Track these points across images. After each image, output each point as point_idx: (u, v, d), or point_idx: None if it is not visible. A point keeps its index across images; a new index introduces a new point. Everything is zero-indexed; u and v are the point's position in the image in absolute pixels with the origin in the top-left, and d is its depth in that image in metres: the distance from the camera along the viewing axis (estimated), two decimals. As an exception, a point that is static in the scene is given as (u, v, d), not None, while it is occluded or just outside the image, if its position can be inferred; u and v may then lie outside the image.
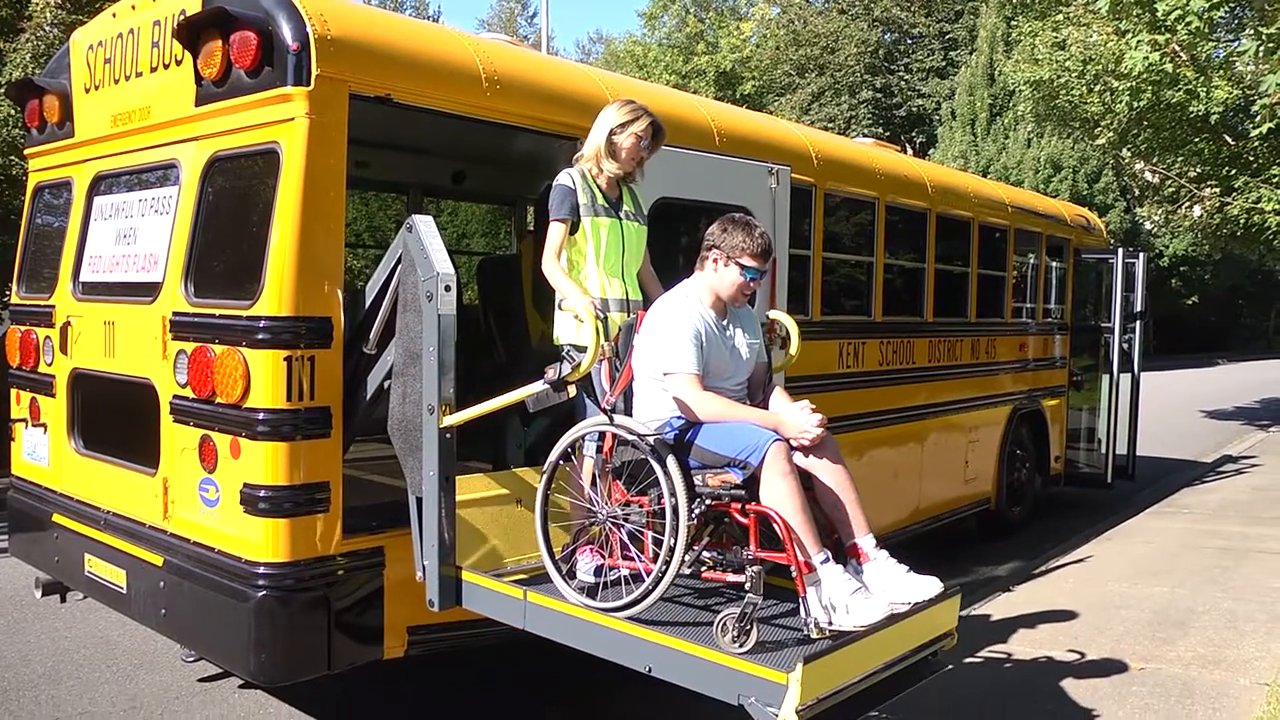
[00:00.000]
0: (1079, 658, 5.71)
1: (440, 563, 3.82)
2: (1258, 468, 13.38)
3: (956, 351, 8.10)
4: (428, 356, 3.72)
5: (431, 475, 3.77)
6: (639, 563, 3.61)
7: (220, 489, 3.97)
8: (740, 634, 3.28)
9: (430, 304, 3.68)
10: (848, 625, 3.35)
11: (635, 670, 3.45)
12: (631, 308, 4.11)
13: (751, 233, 3.83)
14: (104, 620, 6.13)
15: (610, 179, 4.14)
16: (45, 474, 5.22)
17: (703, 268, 3.91)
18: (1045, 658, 5.70)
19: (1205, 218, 15.56)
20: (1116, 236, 29.53)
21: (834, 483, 3.68)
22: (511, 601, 3.78)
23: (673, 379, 3.70)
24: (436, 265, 3.68)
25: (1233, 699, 5.10)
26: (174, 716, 5.01)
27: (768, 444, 3.46)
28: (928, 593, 3.61)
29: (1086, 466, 10.60)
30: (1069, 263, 10.01)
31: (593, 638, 3.57)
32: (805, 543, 3.42)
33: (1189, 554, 8.23)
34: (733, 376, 3.92)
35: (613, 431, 3.63)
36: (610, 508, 3.70)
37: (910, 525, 7.61)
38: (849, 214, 7.10)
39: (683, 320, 3.75)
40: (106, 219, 4.96)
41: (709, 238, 3.89)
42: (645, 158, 4.18)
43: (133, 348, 4.53)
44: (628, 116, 4.09)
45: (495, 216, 16.33)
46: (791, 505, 3.42)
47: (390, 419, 3.93)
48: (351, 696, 5.20)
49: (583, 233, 4.04)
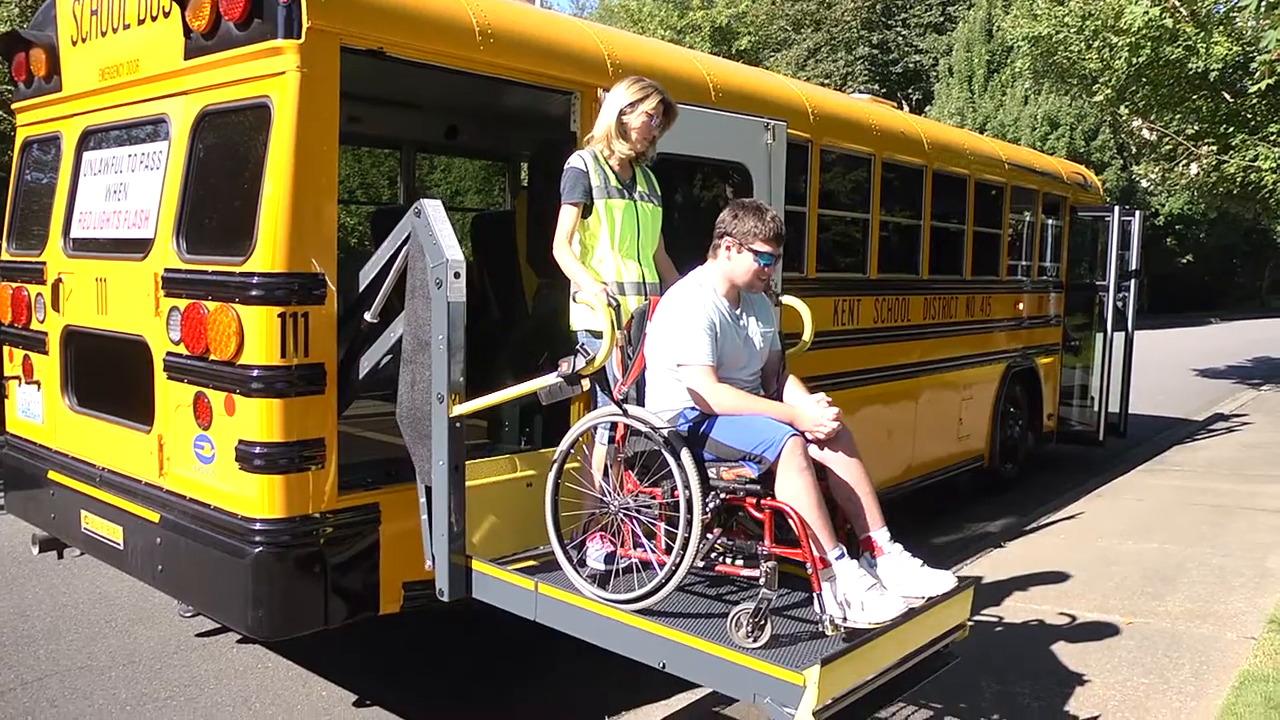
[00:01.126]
0: (1069, 612, 5.78)
1: (450, 552, 3.81)
2: (1248, 426, 13.46)
3: (951, 309, 8.10)
4: (437, 344, 3.69)
5: (441, 465, 3.75)
6: (651, 553, 3.60)
7: (215, 446, 3.97)
8: (754, 629, 3.29)
9: (440, 291, 3.64)
10: (863, 622, 3.33)
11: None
12: (648, 290, 4.07)
13: (763, 217, 3.75)
14: (102, 576, 6.17)
15: (623, 160, 4.08)
16: (40, 431, 5.22)
17: (715, 256, 3.84)
18: (1035, 612, 5.77)
19: (1202, 176, 15.49)
20: (1113, 195, 29.43)
21: (849, 476, 3.66)
22: (522, 593, 3.77)
23: (686, 371, 3.65)
24: (446, 252, 3.64)
25: (1219, 652, 5.17)
26: (173, 670, 5.06)
27: (784, 439, 3.42)
28: (942, 587, 3.61)
29: (1079, 424, 10.65)
30: (1065, 220, 9.98)
31: (605, 632, 3.55)
32: (821, 538, 3.39)
33: (1179, 511, 8.31)
34: (747, 366, 3.87)
35: (625, 422, 3.60)
36: (622, 498, 3.68)
37: (904, 482, 7.66)
38: (845, 170, 7.06)
39: (696, 310, 3.69)
40: (96, 174, 4.91)
41: (720, 225, 3.82)
42: (657, 136, 4.10)
43: (125, 305, 4.50)
44: (638, 95, 4.01)
45: (489, 173, 16.23)
46: (807, 501, 3.39)
47: (398, 407, 3.91)
48: (349, 651, 5.24)
49: (596, 216, 3.98)
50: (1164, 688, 4.73)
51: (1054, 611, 5.79)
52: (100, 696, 4.75)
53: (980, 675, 4.82)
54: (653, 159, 4.20)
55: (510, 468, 4.12)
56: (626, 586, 3.58)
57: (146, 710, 4.64)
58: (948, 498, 9.02)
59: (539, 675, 5.16)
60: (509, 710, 4.79)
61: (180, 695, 4.80)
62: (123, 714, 4.60)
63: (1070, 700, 4.57)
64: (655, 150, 4.16)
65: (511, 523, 4.10)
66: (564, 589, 3.68)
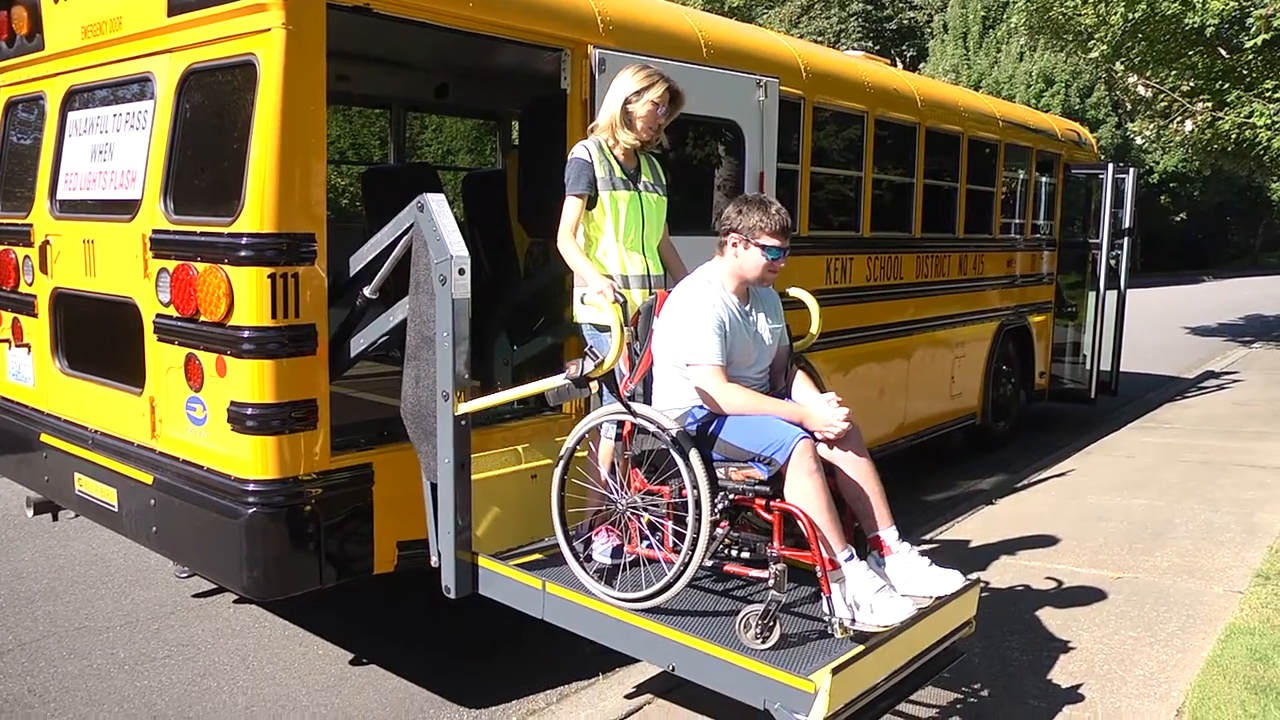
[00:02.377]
0: (1058, 568, 5.84)
1: (456, 549, 3.82)
2: (1239, 383, 13.53)
3: (944, 267, 8.10)
4: (441, 341, 3.66)
5: (447, 463, 3.75)
6: (658, 551, 3.61)
7: (207, 407, 3.97)
8: (763, 630, 3.30)
9: (444, 288, 3.61)
10: (872, 624, 3.33)
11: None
12: (652, 283, 4.03)
13: (768, 210, 3.70)
14: (97, 538, 6.19)
15: (627, 149, 4.03)
16: (31, 394, 5.21)
17: (722, 253, 3.79)
18: (1025, 568, 5.83)
19: (1196, 133, 15.42)
20: (1107, 152, 29.33)
21: (858, 475, 3.65)
22: (530, 591, 3.77)
23: (695, 370, 3.62)
24: (450, 248, 3.61)
25: (1206, 606, 5.23)
26: (170, 630, 5.10)
27: (794, 442, 3.40)
28: (950, 587, 3.63)
29: (1071, 382, 10.69)
30: (1059, 178, 9.95)
31: (615, 633, 3.56)
32: (830, 540, 3.39)
33: (1169, 467, 8.37)
34: (755, 364, 3.84)
35: (633, 421, 3.58)
36: (630, 496, 3.68)
37: (896, 440, 7.70)
38: (838, 128, 7.02)
39: (705, 309, 3.66)
40: (81, 135, 4.85)
41: (724, 221, 3.76)
42: (663, 125, 4.04)
43: (113, 266, 4.47)
44: (643, 83, 3.95)
45: (480, 132, 16.11)
46: (817, 504, 3.38)
47: (403, 403, 3.91)
48: (346, 611, 5.28)
49: (601, 208, 3.94)
50: (1151, 641, 4.79)
51: (1044, 567, 5.85)
52: (99, 656, 4.79)
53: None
54: (659, 147, 4.13)
55: (515, 460, 4.12)
56: (633, 582, 3.59)
57: (145, 669, 4.68)
58: (940, 455, 9.08)
59: (534, 631, 5.19)
60: (506, 667, 4.84)
61: (178, 655, 4.84)
62: (121, 673, 4.64)
63: (1058, 654, 4.63)
64: (662, 138, 4.09)
65: (516, 515, 4.10)
66: (571, 587, 3.68)
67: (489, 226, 6.34)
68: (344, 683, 4.65)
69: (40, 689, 4.48)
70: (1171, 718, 4.03)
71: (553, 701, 4.43)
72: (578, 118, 4.71)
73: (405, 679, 4.66)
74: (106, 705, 4.36)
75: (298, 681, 4.63)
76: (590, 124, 4.09)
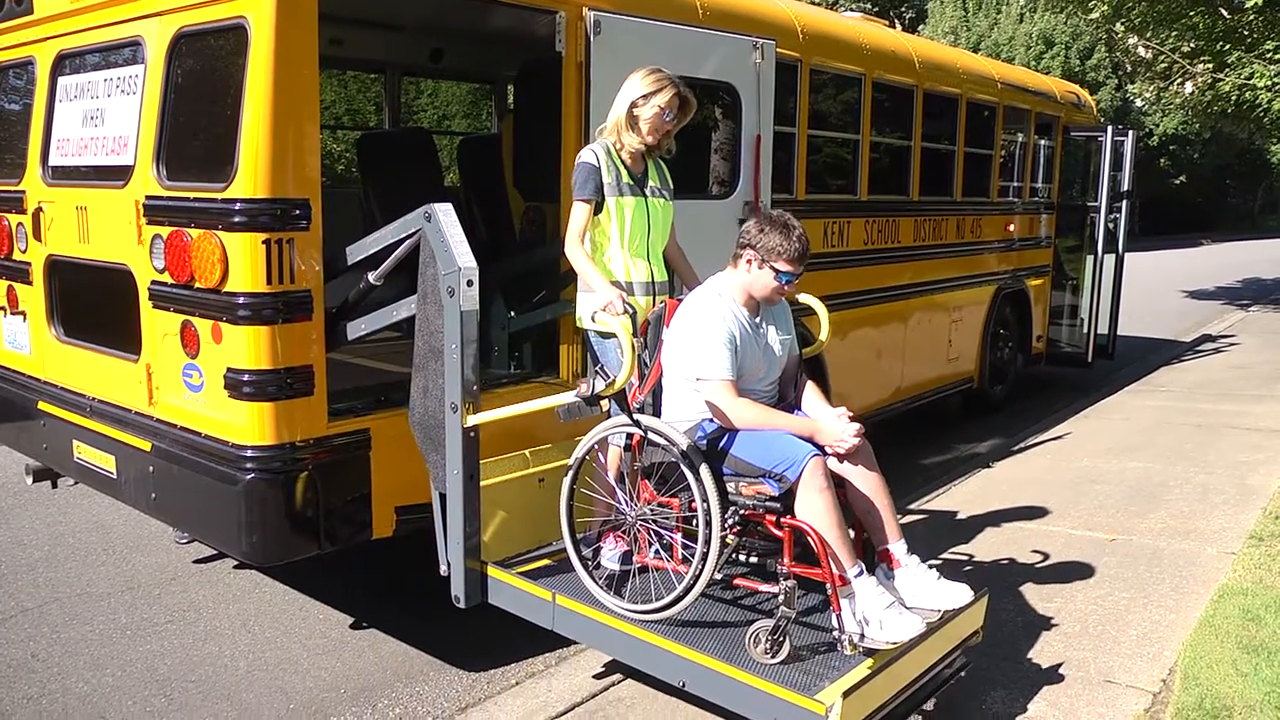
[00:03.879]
0: (1053, 530, 5.88)
1: (465, 558, 3.84)
2: (1236, 347, 13.54)
3: (942, 231, 8.07)
4: (450, 354, 3.65)
5: (456, 474, 3.75)
6: (667, 562, 3.62)
7: (204, 374, 3.97)
8: (773, 646, 3.33)
9: (452, 299, 3.60)
10: (881, 641, 3.34)
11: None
12: (657, 289, 4.02)
13: (790, 235, 3.65)
14: (97, 505, 6.21)
15: (634, 153, 3.99)
16: (28, 362, 5.20)
17: (736, 265, 3.75)
18: (1021, 530, 5.87)
19: (1197, 94, 15.32)
20: (1107, 115, 29.15)
21: (868, 489, 3.65)
22: (539, 603, 3.78)
23: (706, 385, 3.61)
24: (458, 259, 3.58)
25: (1200, 567, 5.27)
26: (171, 596, 5.13)
27: (806, 459, 3.40)
28: (958, 601, 3.63)
29: (1068, 346, 10.71)
30: (1057, 141, 9.89)
31: (626, 647, 3.57)
32: (841, 557, 3.39)
33: (1164, 430, 8.40)
34: (765, 376, 3.82)
35: (640, 434, 3.58)
36: (639, 507, 3.68)
37: (893, 404, 7.72)
38: (835, 91, 6.97)
39: (716, 323, 3.63)
40: (72, 100, 4.81)
41: (744, 235, 3.72)
42: (671, 130, 4.00)
43: (107, 233, 4.45)
44: (651, 87, 3.89)
45: (476, 97, 15.99)
46: (828, 521, 3.37)
47: (411, 413, 3.91)
48: (345, 576, 5.32)
49: (607, 213, 3.90)
50: (1144, 602, 4.83)
51: (1039, 530, 5.89)
52: (101, 622, 4.82)
53: (965, 591, 4.92)
54: (668, 152, 4.10)
55: (522, 464, 4.12)
56: (642, 589, 3.62)
57: (147, 634, 4.71)
58: (938, 419, 9.11)
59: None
60: (506, 629, 4.87)
61: (179, 620, 4.87)
62: (123, 638, 4.67)
63: (1052, 614, 4.67)
64: (671, 142, 4.05)
65: (524, 520, 4.11)
66: (581, 599, 3.70)
67: (484, 191, 6.31)
68: (344, 646, 4.69)
69: (43, 654, 4.52)
70: (1164, 677, 4.07)
71: (552, 664, 4.47)
72: (573, 81, 4.68)
73: (405, 642, 4.70)
74: (109, 670, 4.40)
75: (298, 645, 4.67)
76: (599, 127, 4.05)
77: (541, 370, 4.93)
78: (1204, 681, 3.97)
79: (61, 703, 4.13)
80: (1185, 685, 3.95)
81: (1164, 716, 3.76)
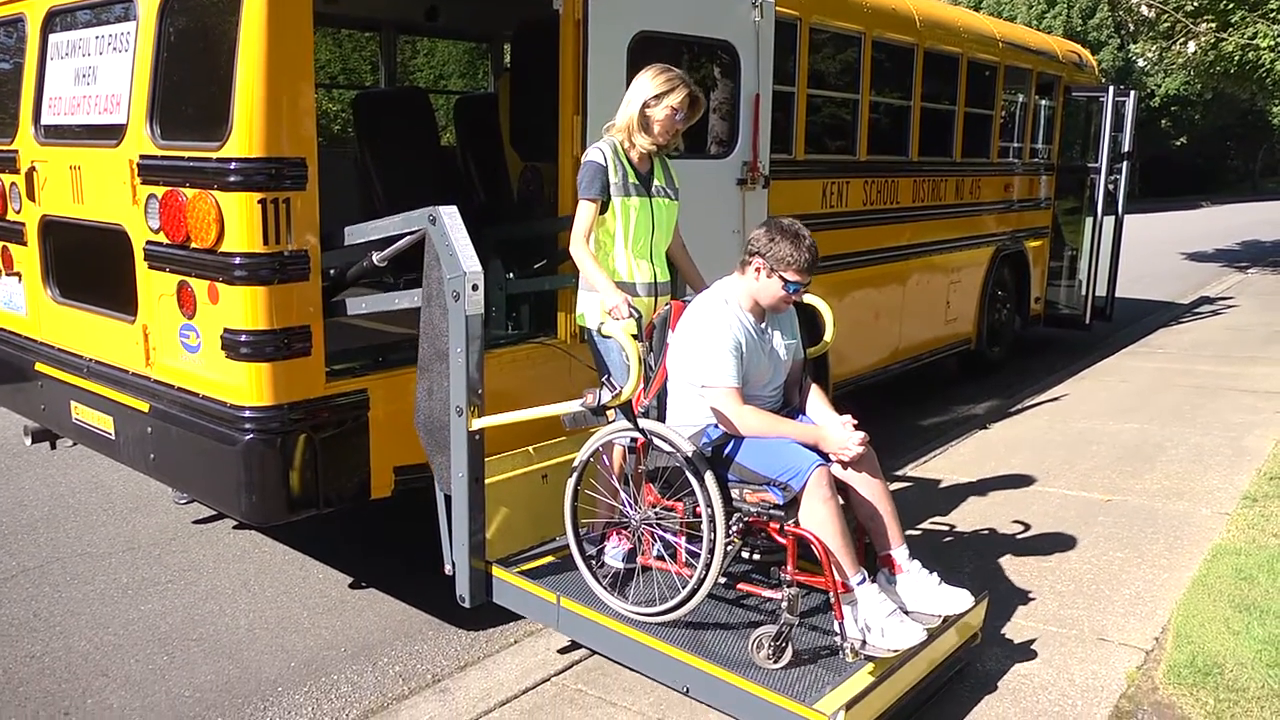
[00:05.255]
0: (1049, 491, 5.91)
1: (470, 559, 3.86)
2: (1233, 309, 13.54)
3: (941, 192, 8.03)
4: (455, 358, 3.65)
5: (461, 476, 3.76)
6: (671, 564, 3.66)
7: (201, 335, 3.96)
8: (775, 652, 3.36)
9: (457, 304, 3.59)
10: (883, 649, 3.36)
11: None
12: (659, 290, 4.00)
13: (799, 245, 3.62)
14: (97, 466, 6.23)
15: (642, 153, 3.95)
16: (24, 323, 5.19)
17: (744, 272, 3.73)
18: (1017, 491, 5.89)
19: (1199, 54, 15.20)
20: (1108, 75, 28.93)
21: (872, 496, 3.67)
22: (544, 604, 3.80)
23: (711, 392, 3.61)
24: (463, 264, 3.57)
25: (1194, 527, 5.31)
26: (172, 555, 5.16)
27: (811, 469, 3.41)
28: (959, 606, 3.65)
29: (1065, 308, 10.70)
30: (1058, 101, 9.82)
31: (630, 652, 3.59)
32: (844, 565, 3.41)
33: (1161, 392, 8.42)
34: (770, 382, 3.82)
35: (644, 440, 3.59)
36: (644, 510, 3.70)
37: (891, 365, 7.72)
38: (835, 50, 6.90)
39: (722, 330, 3.62)
40: (64, 58, 4.75)
41: (752, 243, 3.69)
42: (681, 130, 3.96)
43: (101, 193, 4.42)
44: (662, 87, 3.84)
45: (472, 56, 15.83)
46: (831, 530, 3.39)
47: (416, 415, 3.91)
48: (345, 535, 5.35)
49: (612, 212, 3.87)
50: (1138, 561, 4.86)
51: (1035, 490, 5.92)
52: (102, 581, 4.85)
53: (962, 551, 4.95)
54: (675, 150, 4.05)
55: (526, 461, 4.12)
56: (646, 588, 3.66)
57: (148, 593, 4.75)
58: (935, 380, 9.12)
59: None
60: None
61: (180, 579, 4.90)
62: (125, 598, 4.70)
63: (1047, 574, 4.71)
64: (680, 141, 4.02)
65: (528, 516, 4.12)
66: (585, 601, 3.73)
67: (481, 150, 6.27)
68: (344, 605, 4.72)
69: (45, 613, 4.55)
70: (1157, 635, 4.11)
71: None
72: (570, 39, 4.62)
73: (405, 601, 4.73)
74: (111, 628, 4.43)
75: (298, 604, 4.71)
76: (607, 124, 4.01)
77: (540, 330, 4.92)
78: (1196, 639, 4.01)
79: (64, 660, 4.17)
80: (1177, 643, 3.99)
81: (1156, 674, 3.81)
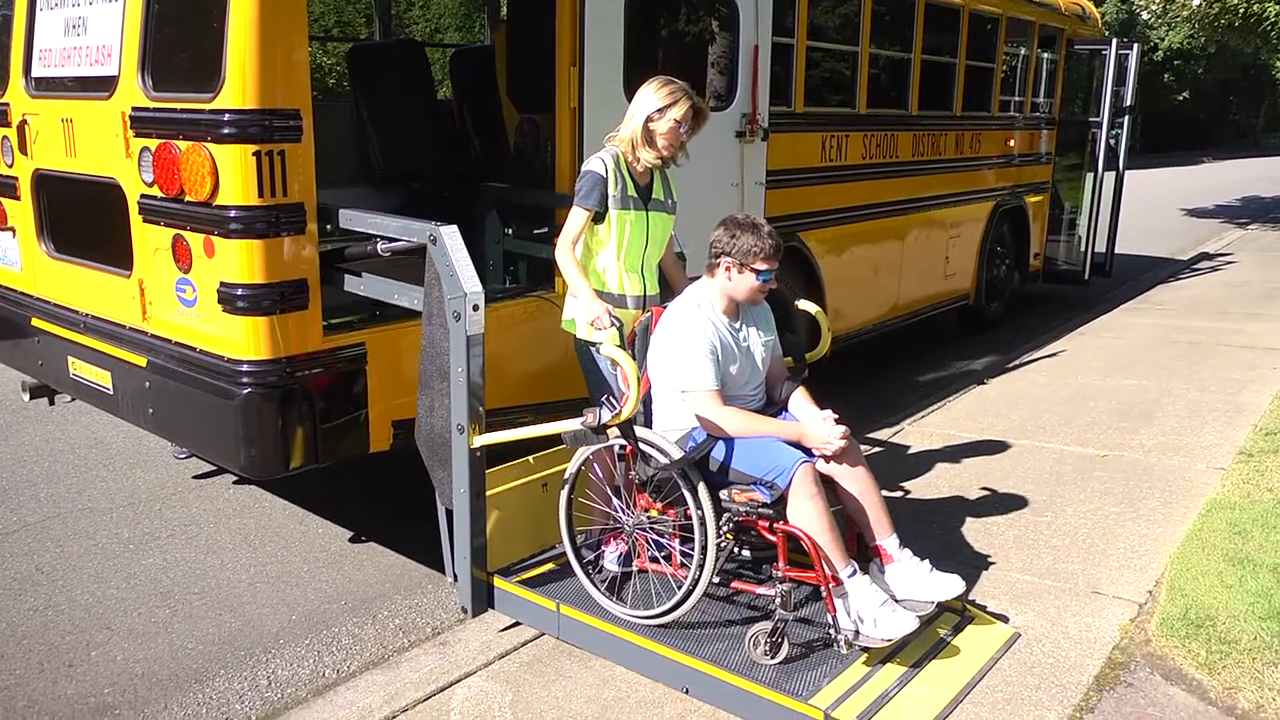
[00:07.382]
0: (1046, 446, 5.93)
1: (472, 570, 3.89)
2: (1232, 265, 13.52)
3: (940, 146, 7.97)
4: (456, 377, 3.65)
5: (463, 492, 3.78)
6: (665, 567, 3.71)
7: (197, 289, 3.94)
8: (772, 647, 3.42)
9: (458, 324, 3.58)
10: (876, 638, 3.40)
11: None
12: (648, 303, 3.98)
13: (760, 234, 3.64)
14: (96, 421, 6.24)
15: (645, 168, 3.91)
16: (19, 278, 5.16)
17: (713, 275, 3.73)
18: (1014, 446, 5.91)
19: (1204, 6, 15.02)
20: (1112, 28, 28.61)
21: (857, 488, 3.69)
22: (545, 612, 3.84)
23: (692, 396, 3.62)
24: (464, 284, 3.56)
25: (1189, 481, 5.33)
26: (172, 510, 5.18)
27: (795, 467, 3.43)
28: (950, 592, 3.68)
29: (1065, 263, 10.67)
30: (1061, 54, 9.71)
31: (630, 656, 3.62)
32: (834, 559, 3.44)
33: (1159, 348, 8.42)
34: (750, 381, 3.82)
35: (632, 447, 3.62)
36: (636, 516, 3.74)
37: (889, 320, 7.71)
38: (835, 1, 6.81)
39: (697, 334, 3.63)
40: (53, 8, 4.68)
41: (716, 244, 3.70)
42: (685, 142, 3.91)
43: (94, 146, 4.37)
44: (666, 100, 3.79)
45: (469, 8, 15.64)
46: (819, 525, 3.42)
47: (417, 431, 3.92)
48: (344, 489, 5.37)
49: (607, 224, 3.84)
50: (1133, 515, 4.89)
51: (1032, 445, 5.94)
52: (103, 536, 4.88)
53: (958, 507, 4.98)
54: (677, 163, 4.01)
55: (526, 470, 4.13)
56: (643, 590, 3.73)
57: (149, 548, 4.77)
58: (934, 336, 9.12)
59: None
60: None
61: (181, 534, 4.93)
62: (126, 552, 4.73)
63: (1042, 528, 4.74)
64: (685, 154, 3.97)
65: (528, 525, 4.14)
66: (585, 607, 3.77)
67: (478, 103, 6.21)
68: (343, 559, 4.75)
69: (48, 567, 4.58)
70: (1150, 588, 4.15)
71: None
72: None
73: (403, 555, 4.76)
74: (114, 582, 4.46)
75: (298, 558, 4.74)
76: (609, 134, 3.95)
77: (538, 285, 4.90)
78: (1190, 592, 4.04)
79: (67, 614, 4.20)
80: (1171, 596, 4.03)
81: (1149, 626, 3.84)
